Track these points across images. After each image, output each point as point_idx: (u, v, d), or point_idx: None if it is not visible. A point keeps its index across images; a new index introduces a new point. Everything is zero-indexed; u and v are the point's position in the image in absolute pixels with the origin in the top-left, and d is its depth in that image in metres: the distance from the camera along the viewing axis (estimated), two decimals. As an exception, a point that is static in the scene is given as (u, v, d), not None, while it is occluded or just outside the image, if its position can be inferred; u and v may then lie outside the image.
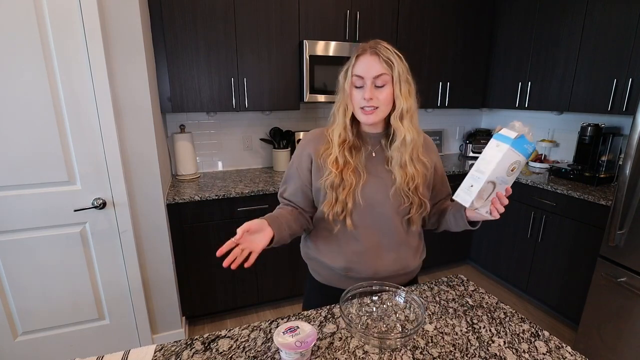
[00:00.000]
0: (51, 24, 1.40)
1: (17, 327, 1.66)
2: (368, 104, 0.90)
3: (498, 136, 0.80)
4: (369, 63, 0.89)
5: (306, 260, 1.14)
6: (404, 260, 1.04)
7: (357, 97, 0.92)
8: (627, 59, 1.98)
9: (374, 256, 1.01)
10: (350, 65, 0.92)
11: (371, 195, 0.97)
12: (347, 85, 0.92)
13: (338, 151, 0.95)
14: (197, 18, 1.99)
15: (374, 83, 0.89)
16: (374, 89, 0.89)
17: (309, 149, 1.01)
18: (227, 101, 2.18)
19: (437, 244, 2.75)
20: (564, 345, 0.80)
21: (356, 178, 0.96)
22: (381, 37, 2.66)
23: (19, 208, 1.52)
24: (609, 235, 1.69)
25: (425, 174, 0.98)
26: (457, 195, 0.85)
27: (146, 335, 1.90)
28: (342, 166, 0.95)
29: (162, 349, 0.80)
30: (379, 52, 0.89)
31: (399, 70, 0.89)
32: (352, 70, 0.91)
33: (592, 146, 2.29)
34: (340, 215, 0.96)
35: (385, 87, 0.90)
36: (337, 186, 0.95)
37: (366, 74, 0.89)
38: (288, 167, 1.06)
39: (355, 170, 0.96)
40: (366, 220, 0.98)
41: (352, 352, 0.78)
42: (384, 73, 0.88)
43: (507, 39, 2.70)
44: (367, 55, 0.89)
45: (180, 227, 1.98)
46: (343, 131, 0.95)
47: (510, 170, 0.80)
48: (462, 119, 3.36)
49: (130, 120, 1.63)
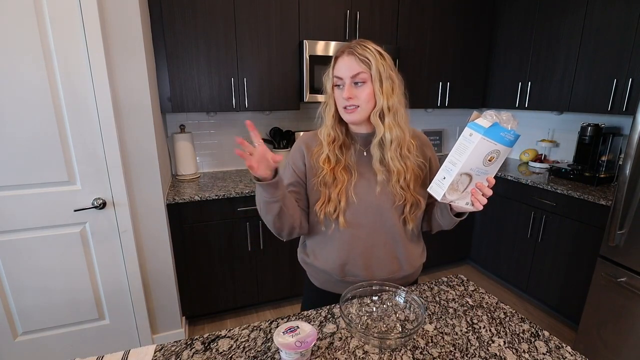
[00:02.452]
0: (51, 24, 1.40)
1: (17, 327, 1.66)
2: (348, 102, 0.91)
3: (472, 125, 0.75)
4: (346, 63, 0.90)
5: (303, 266, 1.13)
6: (401, 263, 1.02)
7: (339, 97, 0.94)
8: (627, 59, 1.98)
9: (370, 258, 1.00)
10: (331, 66, 0.95)
11: (363, 194, 0.97)
12: (329, 86, 0.95)
13: (329, 149, 0.97)
14: (197, 18, 2.00)
15: (352, 82, 0.90)
16: (354, 88, 0.91)
17: (302, 149, 1.02)
18: (227, 101, 2.18)
19: (437, 244, 2.74)
20: (564, 345, 0.80)
21: (347, 176, 0.97)
22: (381, 37, 2.66)
23: (19, 208, 1.52)
24: (609, 235, 1.69)
25: (415, 170, 0.97)
26: (430, 188, 0.81)
27: (146, 335, 1.90)
28: (333, 164, 0.97)
29: (162, 349, 0.80)
30: (355, 51, 0.90)
31: (377, 68, 0.89)
32: (333, 72, 0.93)
33: (592, 146, 2.29)
34: (333, 214, 0.96)
35: (365, 86, 0.91)
36: (330, 184, 0.96)
37: (344, 74, 0.91)
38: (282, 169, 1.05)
39: (347, 168, 0.98)
40: (360, 218, 0.98)
41: (352, 352, 0.78)
42: (361, 72, 0.89)
43: (507, 39, 2.71)
44: (345, 56, 0.91)
45: (180, 227, 1.98)
46: (332, 130, 0.98)
47: (488, 160, 0.76)
48: (462, 119, 3.36)
49: (130, 120, 1.63)
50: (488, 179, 0.80)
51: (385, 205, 0.97)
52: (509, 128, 0.73)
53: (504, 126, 0.73)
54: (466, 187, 0.79)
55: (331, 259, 1.01)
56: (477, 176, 0.78)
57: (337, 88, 0.94)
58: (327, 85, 0.97)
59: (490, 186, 0.81)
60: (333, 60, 0.94)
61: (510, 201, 2.49)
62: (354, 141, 1.01)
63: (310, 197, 1.02)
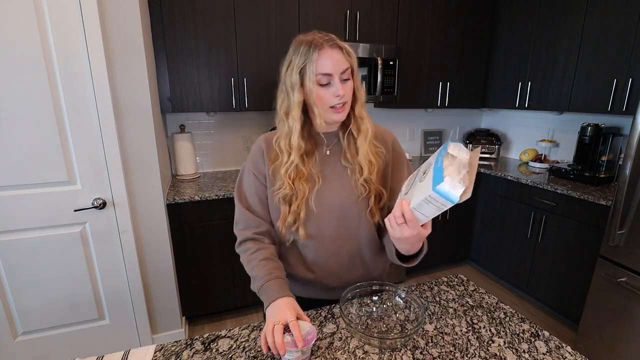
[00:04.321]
0: (51, 24, 1.40)
1: (17, 327, 1.66)
2: (341, 101, 0.82)
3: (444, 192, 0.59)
4: (335, 57, 0.81)
5: None
6: (367, 268, 1.00)
7: (326, 96, 0.82)
8: (627, 59, 1.98)
9: (335, 265, 0.96)
10: (310, 61, 0.80)
11: (325, 199, 0.91)
12: (312, 84, 0.81)
13: (290, 162, 0.86)
14: (197, 18, 1.99)
15: (341, 78, 0.82)
16: (342, 84, 0.82)
17: (262, 149, 0.93)
18: (227, 101, 2.18)
19: (437, 244, 2.75)
20: (564, 345, 0.80)
21: (309, 185, 0.89)
22: (381, 37, 2.66)
23: (19, 208, 1.52)
24: (609, 235, 1.69)
25: (378, 161, 0.92)
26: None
27: (146, 335, 1.90)
28: (294, 177, 0.88)
29: (162, 349, 0.80)
30: (339, 43, 0.82)
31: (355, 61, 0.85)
32: (316, 68, 0.80)
33: (592, 146, 2.29)
34: (292, 226, 0.90)
35: (349, 81, 0.84)
36: (290, 198, 0.89)
37: (334, 70, 0.81)
38: (239, 186, 0.96)
39: (309, 178, 0.89)
40: (322, 227, 0.92)
41: (352, 352, 0.78)
42: (348, 67, 0.83)
43: (507, 39, 2.70)
44: (329, 49, 0.80)
45: (180, 227, 1.98)
46: (297, 140, 0.86)
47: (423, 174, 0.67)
48: (462, 119, 3.36)
49: (130, 120, 1.63)
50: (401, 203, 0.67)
51: (349, 202, 0.91)
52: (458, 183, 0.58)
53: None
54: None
55: (299, 268, 0.98)
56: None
57: (322, 87, 0.82)
58: (298, 83, 0.83)
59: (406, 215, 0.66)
60: (315, 53, 0.80)
61: (510, 201, 2.49)
62: (317, 144, 0.92)
63: (270, 206, 0.94)
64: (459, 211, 2.74)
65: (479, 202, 2.77)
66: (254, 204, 0.94)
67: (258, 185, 0.94)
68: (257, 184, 0.94)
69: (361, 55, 2.31)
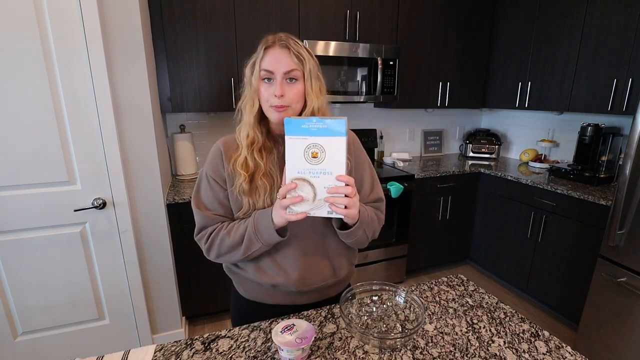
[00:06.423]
0: (51, 24, 1.40)
1: (17, 327, 1.66)
2: (279, 102, 0.82)
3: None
4: (279, 56, 0.82)
5: (229, 275, 1.06)
6: (334, 269, 0.98)
7: (265, 93, 0.83)
8: (627, 59, 1.98)
9: (303, 267, 0.93)
10: (257, 58, 0.84)
11: None
12: (255, 79, 0.85)
13: (247, 152, 0.87)
14: (197, 18, 1.99)
15: (285, 78, 0.82)
16: (285, 85, 0.82)
17: (221, 151, 0.92)
18: (227, 101, 2.17)
19: (437, 244, 2.75)
20: (564, 345, 0.80)
21: (270, 182, 0.88)
22: (381, 37, 2.66)
23: (19, 208, 1.52)
24: (609, 235, 1.69)
25: None
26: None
27: (146, 335, 1.90)
28: (252, 169, 0.87)
29: (162, 349, 0.80)
30: (289, 45, 0.82)
31: (309, 66, 0.84)
32: (260, 64, 0.83)
33: (592, 146, 2.29)
34: None
35: (297, 83, 0.83)
36: (252, 192, 0.87)
37: (276, 69, 0.82)
38: (196, 195, 0.94)
39: (268, 174, 0.88)
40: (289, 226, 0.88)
41: (352, 352, 0.78)
42: (295, 69, 0.82)
43: (507, 39, 2.71)
44: (277, 48, 0.82)
45: (180, 227, 1.98)
46: (251, 130, 0.87)
47: (312, 157, 0.72)
48: (462, 119, 3.36)
49: (130, 120, 1.63)
50: (338, 178, 0.73)
51: None
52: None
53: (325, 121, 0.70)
54: (314, 195, 0.75)
55: (259, 270, 0.94)
56: (318, 178, 0.74)
57: (264, 82, 0.83)
58: (250, 77, 0.86)
59: (351, 184, 0.74)
60: (262, 50, 0.84)
61: (510, 201, 2.49)
62: (275, 143, 0.91)
63: (234, 208, 0.92)
64: (459, 211, 2.74)
65: (479, 202, 2.77)
66: (215, 208, 0.92)
67: (218, 190, 0.92)
68: (217, 188, 0.92)
69: (361, 55, 2.31)
